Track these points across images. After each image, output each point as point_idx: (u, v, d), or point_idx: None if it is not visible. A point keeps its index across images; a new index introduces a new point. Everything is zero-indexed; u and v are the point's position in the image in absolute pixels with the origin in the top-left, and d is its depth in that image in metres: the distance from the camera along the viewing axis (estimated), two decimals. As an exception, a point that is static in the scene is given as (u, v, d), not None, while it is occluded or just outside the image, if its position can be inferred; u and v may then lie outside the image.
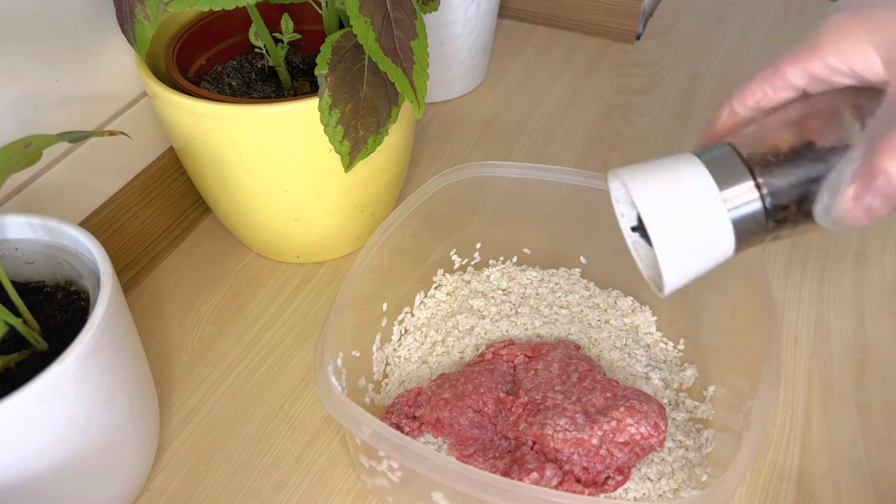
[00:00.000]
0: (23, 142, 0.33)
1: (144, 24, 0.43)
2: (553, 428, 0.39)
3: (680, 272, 0.31)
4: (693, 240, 0.30)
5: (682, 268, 0.31)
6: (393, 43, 0.42)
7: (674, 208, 0.30)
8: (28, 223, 0.39)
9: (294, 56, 0.55)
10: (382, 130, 0.45)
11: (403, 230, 0.47)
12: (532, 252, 0.54)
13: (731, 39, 0.79)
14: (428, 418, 0.41)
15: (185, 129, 0.47)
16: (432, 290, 0.52)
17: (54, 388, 0.32)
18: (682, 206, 0.30)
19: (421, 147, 0.67)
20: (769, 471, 0.43)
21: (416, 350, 0.49)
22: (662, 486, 0.41)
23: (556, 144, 0.66)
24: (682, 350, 0.49)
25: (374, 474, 0.40)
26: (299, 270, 0.56)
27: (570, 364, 0.44)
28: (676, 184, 0.30)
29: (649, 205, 0.30)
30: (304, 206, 0.50)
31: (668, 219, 0.30)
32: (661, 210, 0.30)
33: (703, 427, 0.44)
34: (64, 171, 0.48)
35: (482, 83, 0.74)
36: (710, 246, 0.30)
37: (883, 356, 0.49)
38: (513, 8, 0.82)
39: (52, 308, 0.38)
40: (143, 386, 0.40)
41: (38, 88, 0.45)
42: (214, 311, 0.53)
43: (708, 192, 0.29)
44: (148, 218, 0.55)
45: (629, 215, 0.35)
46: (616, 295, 0.52)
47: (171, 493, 0.43)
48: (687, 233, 0.30)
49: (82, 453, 0.35)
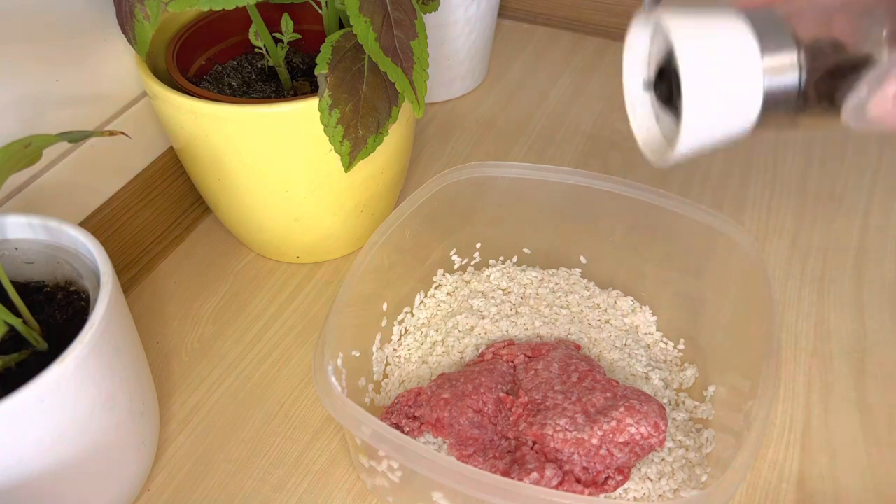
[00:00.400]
0: (23, 142, 0.33)
1: (144, 24, 0.43)
2: (553, 428, 0.39)
3: (699, 133, 0.29)
4: (723, 99, 0.28)
5: (702, 128, 0.29)
6: (393, 43, 0.42)
7: (712, 61, 0.28)
8: (28, 223, 0.39)
9: (294, 56, 0.55)
10: (382, 130, 0.45)
11: (403, 230, 0.47)
12: (532, 252, 0.54)
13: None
14: (428, 418, 0.41)
15: (185, 129, 0.47)
16: (432, 290, 0.52)
17: (54, 388, 0.32)
18: (720, 61, 0.28)
19: (421, 147, 0.67)
20: (769, 471, 0.43)
21: (416, 350, 0.49)
22: (662, 486, 0.41)
23: (556, 144, 0.66)
24: (682, 350, 0.49)
25: (374, 474, 0.40)
26: (299, 270, 0.56)
27: (570, 364, 0.44)
28: (718, 36, 0.28)
29: (688, 53, 0.28)
30: (305, 206, 0.50)
31: (703, 70, 0.28)
32: (698, 60, 0.28)
33: (703, 427, 0.44)
34: (64, 171, 0.48)
35: (482, 83, 0.74)
36: (735, 109, 0.29)
37: (883, 356, 0.49)
38: (513, 8, 0.82)
39: (52, 308, 0.38)
40: (143, 386, 0.40)
41: (38, 88, 0.45)
42: (214, 311, 0.53)
43: (750, 51, 0.28)
44: (148, 218, 0.55)
45: (642, 69, 0.33)
46: (616, 295, 0.52)
47: (171, 493, 0.43)
48: (719, 89, 0.28)
49: (82, 453, 0.35)
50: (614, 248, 0.51)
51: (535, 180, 0.49)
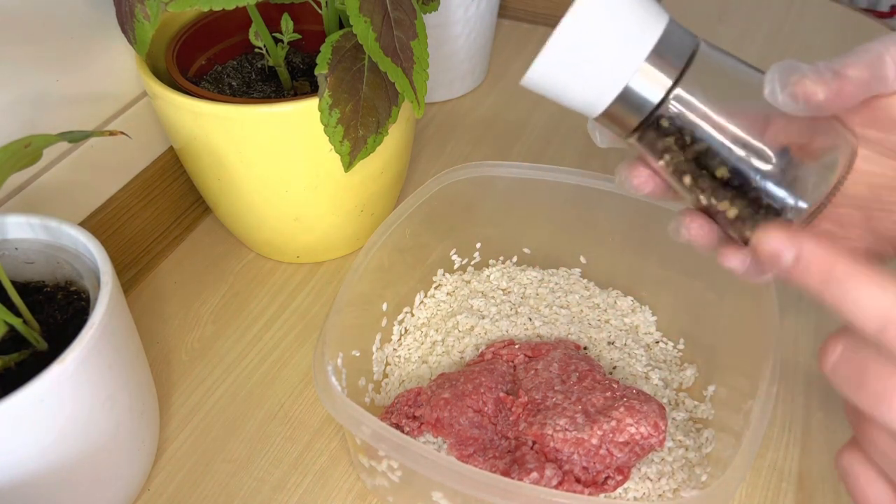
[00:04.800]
0: (23, 142, 0.33)
1: (144, 24, 0.43)
2: (553, 428, 0.39)
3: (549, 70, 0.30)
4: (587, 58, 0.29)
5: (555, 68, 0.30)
6: (393, 43, 0.42)
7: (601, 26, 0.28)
8: (28, 223, 0.39)
9: (294, 56, 0.55)
10: (382, 130, 0.45)
11: (403, 230, 0.47)
12: (532, 252, 0.54)
13: (731, 39, 0.79)
14: (428, 418, 0.41)
15: (185, 128, 0.47)
16: (432, 290, 0.52)
17: (54, 388, 0.32)
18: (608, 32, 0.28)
19: (421, 147, 0.67)
20: (769, 471, 0.43)
21: (416, 350, 0.49)
22: (662, 486, 0.41)
23: (556, 144, 0.66)
24: (681, 350, 0.49)
25: (374, 474, 0.40)
26: (299, 270, 0.56)
27: (569, 364, 0.44)
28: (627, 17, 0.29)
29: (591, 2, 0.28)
30: (304, 206, 0.50)
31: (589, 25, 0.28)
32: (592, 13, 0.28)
33: (702, 427, 0.44)
34: (64, 171, 0.48)
35: (482, 83, 0.74)
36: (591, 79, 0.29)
37: (883, 356, 0.49)
38: (513, 8, 0.82)
39: (52, 308, 0.38)
40: (143, 386, 0.40)
41: (38, 88, 0.45)
42: (214, 311, 0.53)
43: (638, 47, 0.29)
44: (148, 218, 0.55)
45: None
46: (616, 295, 0.52)
47: (171, 493, 0.43)
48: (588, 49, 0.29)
49: (82, 453, 0.35)
50: (614, 248, 0.51)
51: (535, 180, 0.49)
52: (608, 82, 0.29)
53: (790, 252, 0.25)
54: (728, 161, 0.29)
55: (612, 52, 0.29)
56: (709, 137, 0.29)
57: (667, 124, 0.29)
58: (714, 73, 0.30)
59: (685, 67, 0.29)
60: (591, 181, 0.48)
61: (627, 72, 0.29)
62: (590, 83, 0.30)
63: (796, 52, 0.77)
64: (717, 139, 0.29)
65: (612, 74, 0.29)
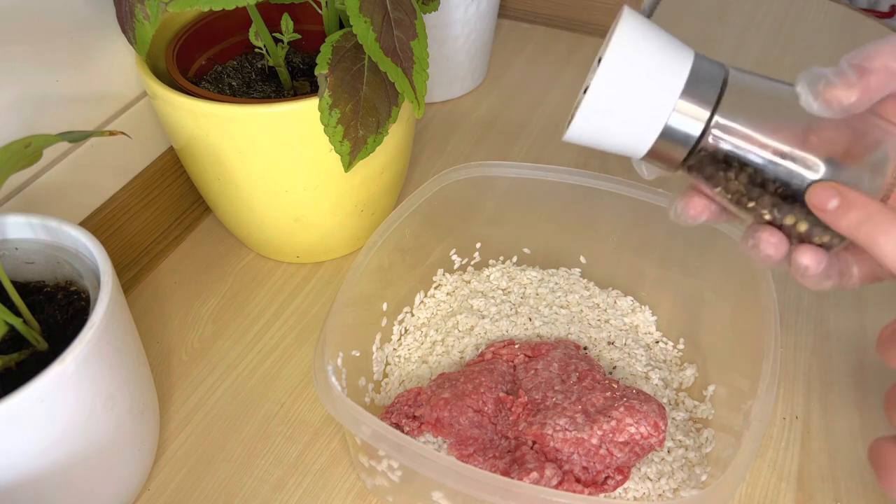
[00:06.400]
0: (23, 142, 0.33)
1: (144, 24, 0.43)
2: (553, 428, 0.39)
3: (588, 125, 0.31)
4: (623, 108, 0.30)
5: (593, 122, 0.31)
6: (393, 43, 0.42)
7: (632, 75, 0.29)
8: (28, 223, 0.39)
9: (294, 56, 0.55)
10: (382, 130, 0.45)
11: (403, 230, 0.47)
12: (532, 252, 0.54)
13: (731, 39, 0.79)
14: (428, 418, 0.41)
15: (185, 128, 0.47)
16: (432, 289, 0.52)
17: (54, 388, 0.32)
18: (639, 80, 0.29)
19: (421, 147, 0.67)
20: (769, 471, 0.43)
21: (416, 350, 0.49)
22: (662, 486, 0.41)
23: (556, 144, 0.66)
24: (681, 350, 0.49)
25: (374, 474, 0.40)
26: (299, 270, 0.56)
27: (569, 364, 0.44)
28: (654, 63, 0.29)
29: (618, 54, 0.29)
30: (304, 206, 0.50)
31: (620, 77, 0.29)
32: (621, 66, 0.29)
33: (702, 427, 0.44)
34: (64, 171, 0.48)
35: (482, 83, 0.74)
36: (630, 126, 0.30)
37: (883, 356, 0.49)
38: (513, 8, 0.82)
39: (52, 308, 0.38)
40: (143, 386, 0.40)
41: (38, 88, 0.45)
42: (214, 311, 0.53)
43: (670, 88, 0.29)
44: (148, 218, 0.55)
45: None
46: (616, 295, 0.52)
47: (171, 493, 0.43)
48: (622, 100, 0.30)
49: (82, 453, 0.35)
50: (614, 248, 0.51)
51: (535, 180, 0.49)
52: (646, 126, 0.30)
53: (836, 198, 0.29)
54: (780, 176, 0.30)
55: (645, 98, 0.30)
56: (757, 158, 0.30)
57: (714, 153, 0.30)
58: (748, 96, 0.30)
59: (719, 97, 0.30)
60: (591, 181, 0.48)
61: (664, 113, 0.30)
62: (629, 130, 0.30)
63: (796, 51, 0.77)
64: (765, 158, 0.30)
65: (650, 118, 0.30)
